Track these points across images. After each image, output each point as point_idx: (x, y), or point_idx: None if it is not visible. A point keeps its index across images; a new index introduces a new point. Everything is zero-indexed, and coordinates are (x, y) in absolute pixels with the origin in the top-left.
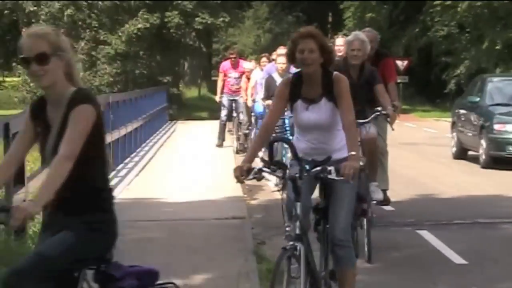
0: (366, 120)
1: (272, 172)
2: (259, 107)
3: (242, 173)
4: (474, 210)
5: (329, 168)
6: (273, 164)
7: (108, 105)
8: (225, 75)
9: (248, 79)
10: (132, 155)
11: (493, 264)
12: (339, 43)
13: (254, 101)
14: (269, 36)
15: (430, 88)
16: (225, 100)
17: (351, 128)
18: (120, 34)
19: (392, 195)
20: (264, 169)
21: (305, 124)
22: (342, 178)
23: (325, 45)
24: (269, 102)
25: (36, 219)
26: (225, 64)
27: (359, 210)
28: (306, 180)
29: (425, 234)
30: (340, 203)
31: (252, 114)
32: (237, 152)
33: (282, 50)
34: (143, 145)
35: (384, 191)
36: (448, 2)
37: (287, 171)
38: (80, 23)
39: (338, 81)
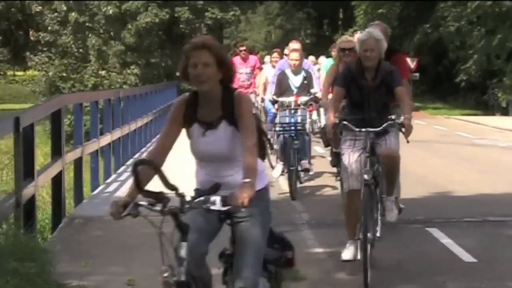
0: (378, 129)
1: (150, 207)
2: (269, 104)
3: (119, 209)
4: (484, 208)
5: (212, 198)
6: (153, 196)
7: (119, 100)
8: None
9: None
10: (142, 150)
11: (502, 262)
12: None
13: (263, 99)
14: (279, 32)
15: (440, 86)
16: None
17: (248, 153)
18: (129, 26)
19: (402, 193)
20: (141, 203)
21: (202, 154)
22: (228, 207)
23: (223, 58)
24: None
25: (43, 212)
26: (235, 60)
27: (283, 258)
28: (205, 219)
29: (435, 231)
30: (244, 249)
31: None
32: None
33: (294, 44)
34: (153, 140)
35: (395, 198)
36: None
37: (168, 204)
38: (87, 24)
39: (240, 101)
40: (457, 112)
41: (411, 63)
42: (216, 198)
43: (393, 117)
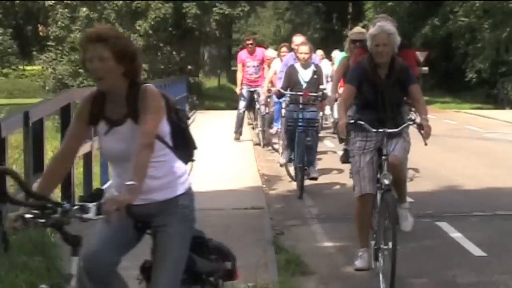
0: (396, 130)
1: (34, 219)
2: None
3: (11, 224)
4: (493, 202)
5: (89, 205)
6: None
7: None
8: (243, 65)
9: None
10: None
11: None
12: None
13: (269, 91)
14: (289, 26)
15: (449, 80)
16: (244, 92)
17: (141, 152)
18: (138, 28)
19: (412, 187)
20: (26, 216)
21: (106, 153)
22: (101, 217)
23: (123, 50)
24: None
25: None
26: (242, 53)
27: (221, 270)
28: (117, 227)
29: (444, 225)
30: (160, 261)
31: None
32: (263, 146)
33: (300, 38)
34: None
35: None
36: None
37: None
38: (96, 21)
39: (144, 96)
40: (466, 106)
41: (421, 57)
42: (92, 206)
43: (412, 117)
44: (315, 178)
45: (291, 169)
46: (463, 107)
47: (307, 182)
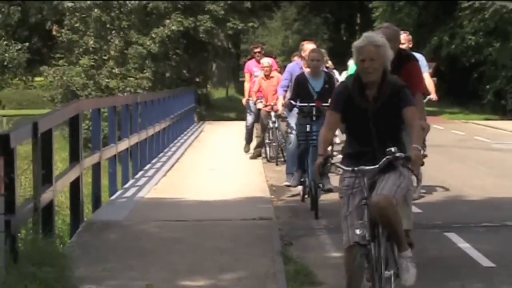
0: (373, 168)
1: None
2: (291, 114)
3: None
4: (501, 212)
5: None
6: None
7: (136, 105)
8: (251, 75)
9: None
10: (160, 155)
11: None
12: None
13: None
14: (297, 37)
15: (458, 90)
16: (252, 103)
17: None
18: (153, 35)
19: (420, 198)
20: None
21: None
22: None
23: None
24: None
25: (61, 217)
26: (250, 63)
27: None
28: None
29: (453, 236)
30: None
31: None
32: (268, 160)
33: (310, 44)
34: (171, 145)
35: (407, 231)
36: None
37: None
38: (108, 25)
39: None
40: (475, 116)
41: (429, 68)
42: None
43: (392, 149)
44: (331, 190)
45: (299, 188)
46: (472, 118)
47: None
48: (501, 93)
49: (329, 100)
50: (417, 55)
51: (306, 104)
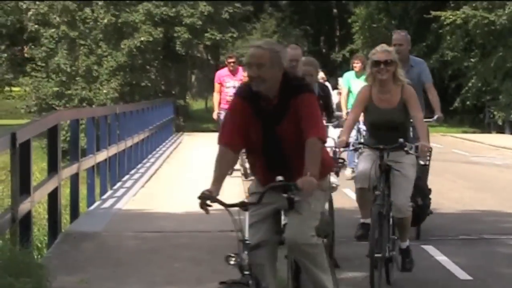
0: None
1: None
2: None
3: None
4: (479, 225)
5: None
6: None
7: (115, 116)
8: (221, 85)
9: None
10: (138, 166)
11: (497, 279)
12: None
13: None
14: None
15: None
16: (223, 117)
17: None
18: (122, 46)
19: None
20: None
21: None
22: None
23: None
24: None
25: (39, 227)
26: (222, 72)
27: None
28: None
29: (430, 249)
30: None
31: None
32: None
33: (296, 50)
34: (149, 156)
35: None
36: (458, 19)
37: None
38: (76, 40)
39: None
40: (453, 130)
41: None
42: None
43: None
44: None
45: None
46: (450, 131)
47: None
48: (472, 105)
49: (329, 116)
50: (418, 59)
51: None
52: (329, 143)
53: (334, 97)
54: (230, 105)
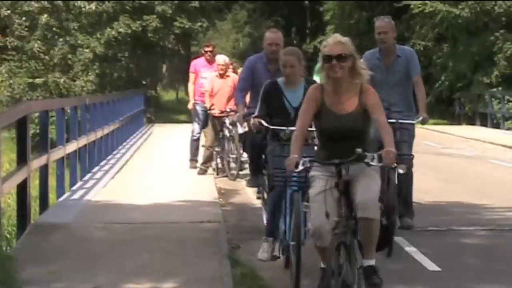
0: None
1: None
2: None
3: None
4: (448, 217)
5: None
6: None
7: (85, 107)
8: (197, 75)
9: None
10: (109, 157)
11: (466, 271)
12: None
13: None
14: (247, 40)
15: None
16: (199, 110)
17: None
18: (99, 36)
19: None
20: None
21: None
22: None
23: None
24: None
25: (8, 218)
26: (198, 62)
27: None
28: None
29: (400, 240)
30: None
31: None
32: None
33: (275, 34)
34: (120, 147)
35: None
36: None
37: None
38: (54, 29)
39: None
40: None
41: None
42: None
43: None
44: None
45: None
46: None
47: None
48: (445, 98)
49: None
50: (406, 48)
51: (284, 128)
52: None
53: None
54: None
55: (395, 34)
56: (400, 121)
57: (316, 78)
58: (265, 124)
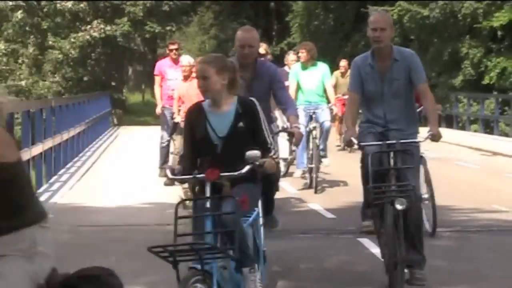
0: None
1: None
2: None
3: None
4: None
5: None
6: None
7: (51, 109)
8: (163, 78)
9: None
10: (75, 159)
11: (433, 272)
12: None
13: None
14: (214, 42)
15: None
16: (167, 115)
17: None
18: (73, 40)
19: (334, 203)
20: None
21: None
22: None
23: None
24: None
25: None
26: (163, 63)
27: None
28: None
29: (366, 241)
30: None
31: None
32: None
33: (249, 32)
34: (86, 150)
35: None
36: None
37: None
38: (27, 28)
39: None
40: None
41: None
42: None
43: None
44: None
45: None
46: None
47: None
48: None
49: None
50: (406, 51)
51: (189, 176)
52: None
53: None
54: None
55: (393, 33)
56: (402, 141)
57: (306, 73)
58: (170, 176)
